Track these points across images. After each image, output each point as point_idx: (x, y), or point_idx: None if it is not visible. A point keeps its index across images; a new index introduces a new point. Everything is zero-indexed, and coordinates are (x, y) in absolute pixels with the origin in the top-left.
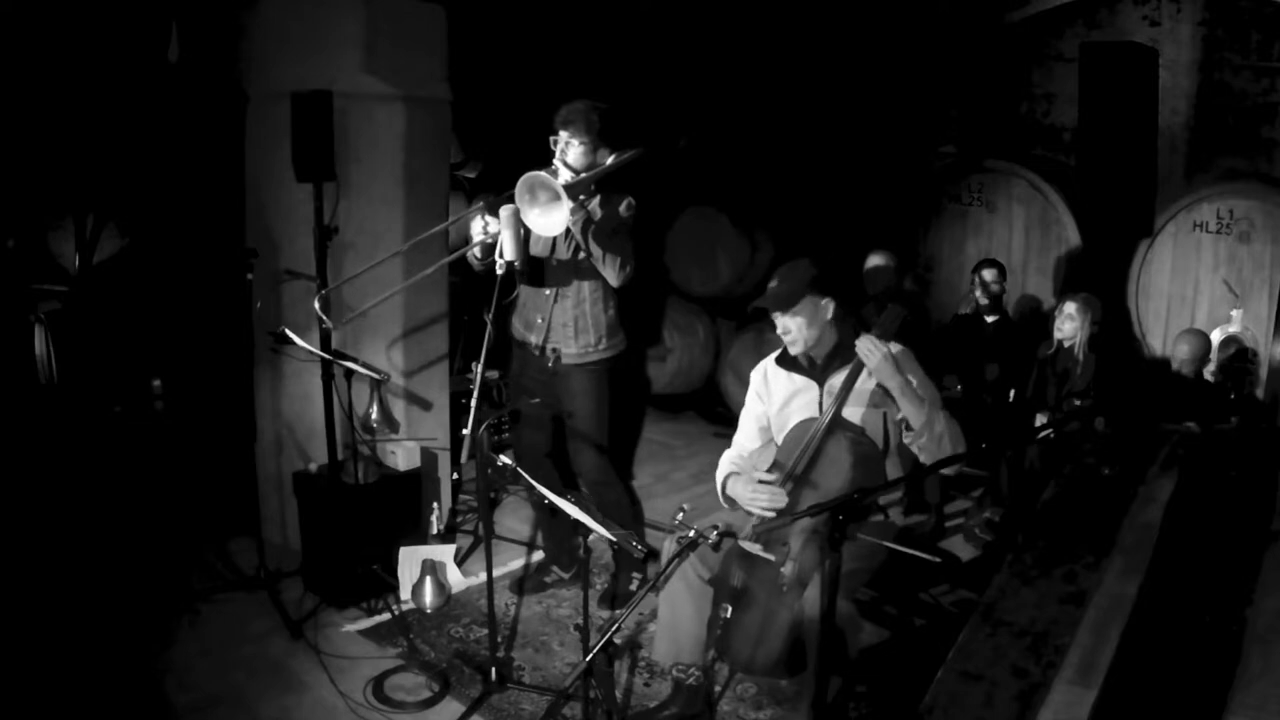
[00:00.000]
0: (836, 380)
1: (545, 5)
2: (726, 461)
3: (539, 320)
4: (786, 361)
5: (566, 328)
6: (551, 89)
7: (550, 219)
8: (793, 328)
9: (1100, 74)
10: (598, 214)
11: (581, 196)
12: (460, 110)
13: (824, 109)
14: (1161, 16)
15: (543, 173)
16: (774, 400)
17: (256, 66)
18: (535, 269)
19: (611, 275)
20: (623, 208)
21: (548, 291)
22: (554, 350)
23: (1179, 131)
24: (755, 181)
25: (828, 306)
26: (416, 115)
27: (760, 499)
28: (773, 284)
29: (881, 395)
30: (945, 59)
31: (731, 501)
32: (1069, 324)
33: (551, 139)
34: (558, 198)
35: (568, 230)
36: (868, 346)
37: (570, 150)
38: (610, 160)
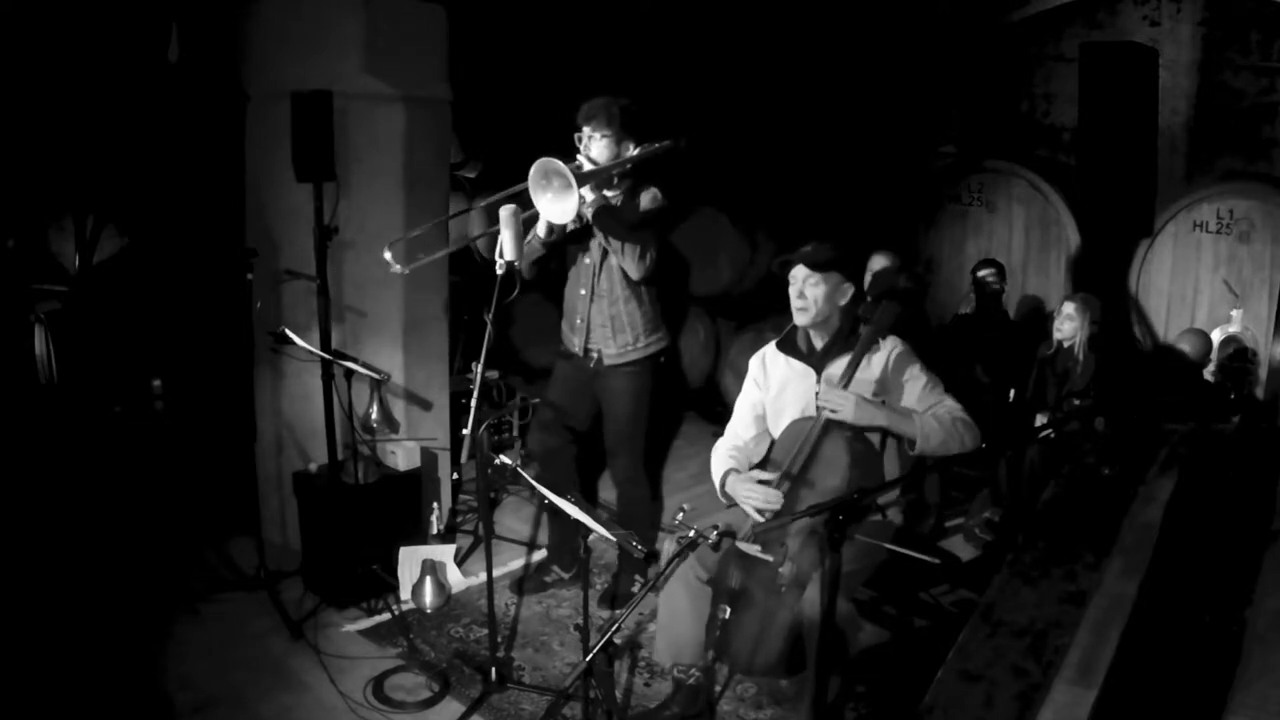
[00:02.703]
0: (834, 369)
1: (545, 5)
2: (723, 453)
3: (579, 321)
4: (786, 346)
5: (605, 328)
6: (551, 89)
7: (561, 206)
8: (809, 295)
9: (1100, 74)
10: (615, 204)
11: (607, 192)
12: (460, 110)
13: (824, 109)
14: (1161, 16)
15: (556, 159)
16: (771, 386)
17: (256, 66)
18: (572, 269)
19: (630, 267)
20: (646, 199)
21: (583, 291)
22: (595, 351)
23: (1179, 131)
24: (755, 181)
25: (848, 291)
26: (416, 115)
27: (755, 499)
28: (806, 248)
29: (881, 387)
30: (945, 59)
31: (729, 497)
32: (1068, 324)
33: (575, 136)
34: (570, 186)
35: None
36: (836, 400)
37: (593, 145)
38: (635, 152)
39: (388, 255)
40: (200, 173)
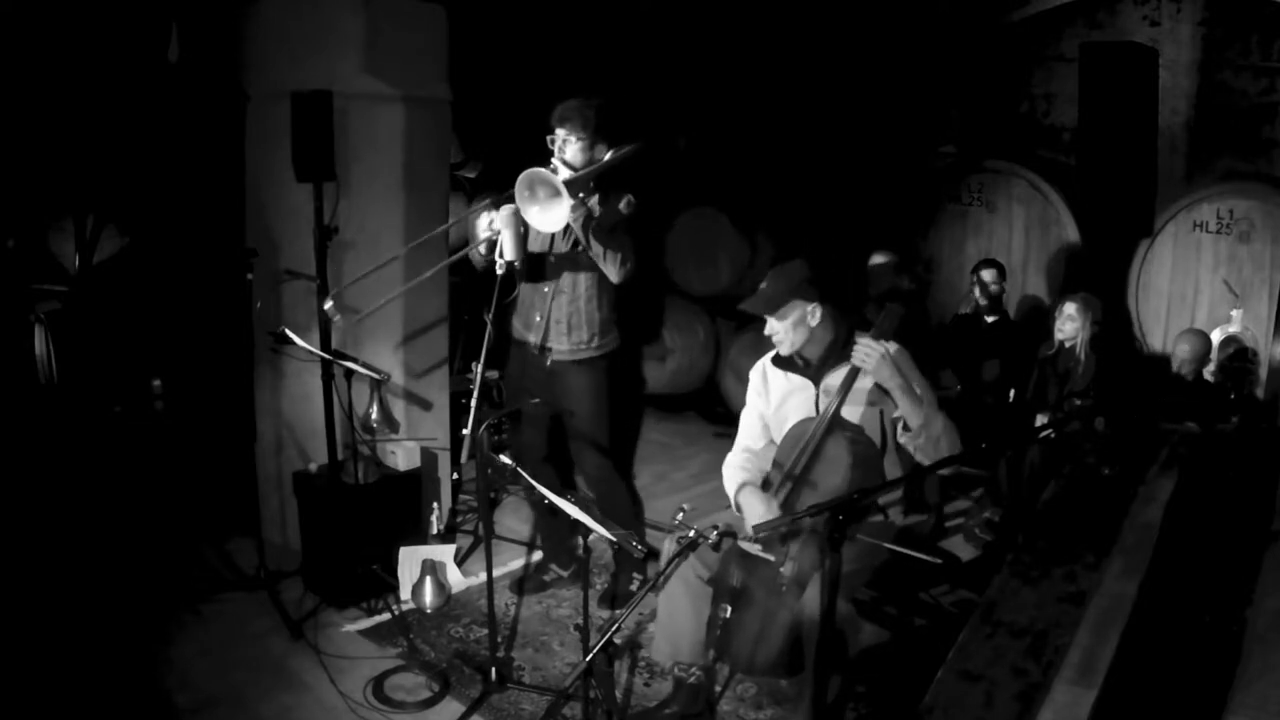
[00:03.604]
0: (834, 379)
1: (545, 5)
2: (735, 466)
3: (537, 318)
4: (782, 361)
5: (560, 324)
6: (551, 89)
7: (550, 215)
8: (779, 330)
9: (1100, 74)
10: (598, 210)
11: (581, 194)
12: (460, 110)
13: (824, 109)
14: (1161, 16)
15: (542, 169)
16: (772, 399)
17: (256, 66)
18: (534, 266)
19: (612, 272)
20: (622, 205)
21: (546, 288)
22: (550, 348)
23: (1179, 131)
24: (755, 181)
25: (814, 312)
26: (416, 115)
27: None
28: (762, 286)
29: (879, 393)
30: (945, 59)
31: (742, 509)
32: (1069, 324)
33: (549, 138)
34: (557, 194)
35: (566, 227)
36: (866, 349)
37: (568, 147)
38: (609, 156)
39: (328, 306)
40: (200, 173)
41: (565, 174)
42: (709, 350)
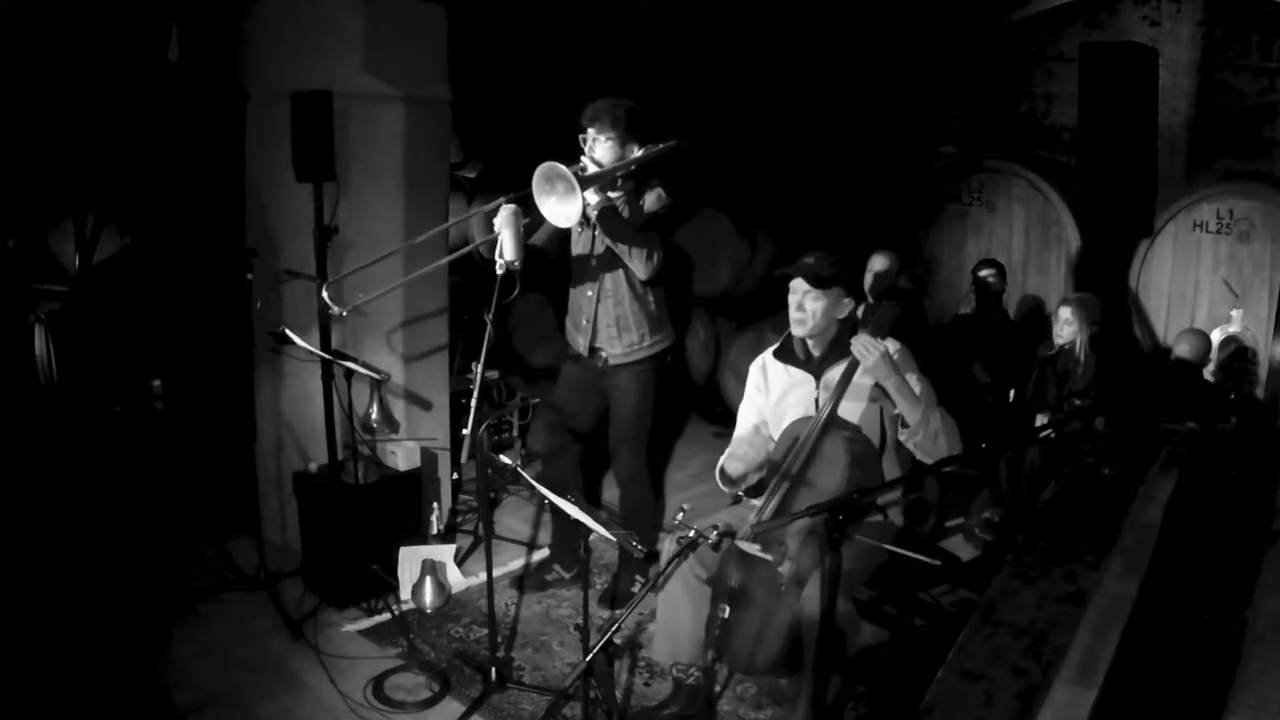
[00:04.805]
0: (833, 374)
1: (545, 5)
2: (726, 454)
3: (584, 321)
4: (784, 355)
5: (610, 327)
6: (551, 89)
7: (566, 209)
8: (809, 309)
9: (1100, 74)
10: (623, 207)
11: (611, 194)
12: (460, 110)
13: (824, 109)
14: (1161, 16)
15: (558, 164)
16: (772, 393)
17: (256, 66)
18: (578, 269)
19: (638, 268)
20: (650, 199)
21: (590, 291)
22: (603, 351)
23: (1179, 131)
24: (755, 182)
25: (847, 305)
26: (416, 115)
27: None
28: (809, 259)
29: (879, 390)
30: (945, 59)
31: (731, 482)
32: (1067, 329)
33: (580, 137)
34: (573, 189)
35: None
36: (864, 345)
37: (598, 147)
38: (639, 153)
39: (325, 295)
40: (200, 173)
41: (594, 171)
42: (709, 350)
